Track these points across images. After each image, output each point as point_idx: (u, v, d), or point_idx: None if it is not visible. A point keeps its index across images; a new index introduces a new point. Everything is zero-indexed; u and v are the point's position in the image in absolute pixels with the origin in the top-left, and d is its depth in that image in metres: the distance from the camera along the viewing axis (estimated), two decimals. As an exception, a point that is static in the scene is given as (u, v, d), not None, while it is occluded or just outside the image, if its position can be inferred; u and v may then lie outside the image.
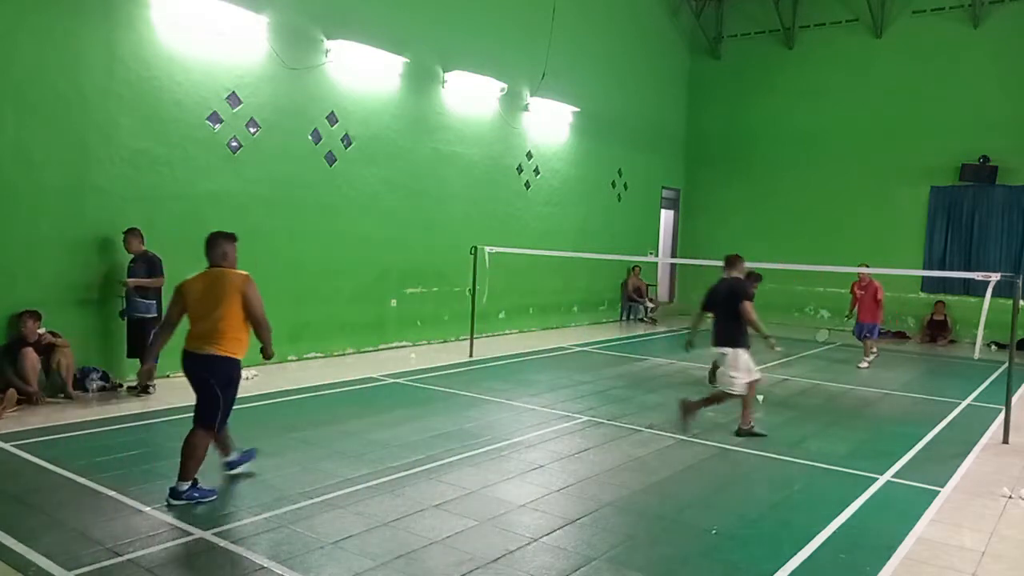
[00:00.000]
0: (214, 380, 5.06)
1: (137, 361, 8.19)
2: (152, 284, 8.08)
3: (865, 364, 11.89)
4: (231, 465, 5.54)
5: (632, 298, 17.11)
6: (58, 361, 7.58)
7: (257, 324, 5.20)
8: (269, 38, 9.67)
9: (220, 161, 9.30)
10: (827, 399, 9.25)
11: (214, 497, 5.04)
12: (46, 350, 7.55)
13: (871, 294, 11.96)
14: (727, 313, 7.20)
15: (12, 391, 7.17)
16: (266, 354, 5.40)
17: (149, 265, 8.09)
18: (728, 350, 7.13)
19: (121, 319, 8.24)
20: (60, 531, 4.42)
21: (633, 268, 17.05)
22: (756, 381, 7.33)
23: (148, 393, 8.03)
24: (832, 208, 16.81)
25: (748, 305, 7.16)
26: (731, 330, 7.18)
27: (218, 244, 5.23)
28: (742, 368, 7.10)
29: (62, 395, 7.61)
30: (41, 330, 7.55)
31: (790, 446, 6.91)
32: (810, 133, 17.18)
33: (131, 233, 8.09)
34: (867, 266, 12.02)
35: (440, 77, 12.22)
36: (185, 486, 4.95)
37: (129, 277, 8.03)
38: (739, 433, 7.21)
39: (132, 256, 8.12)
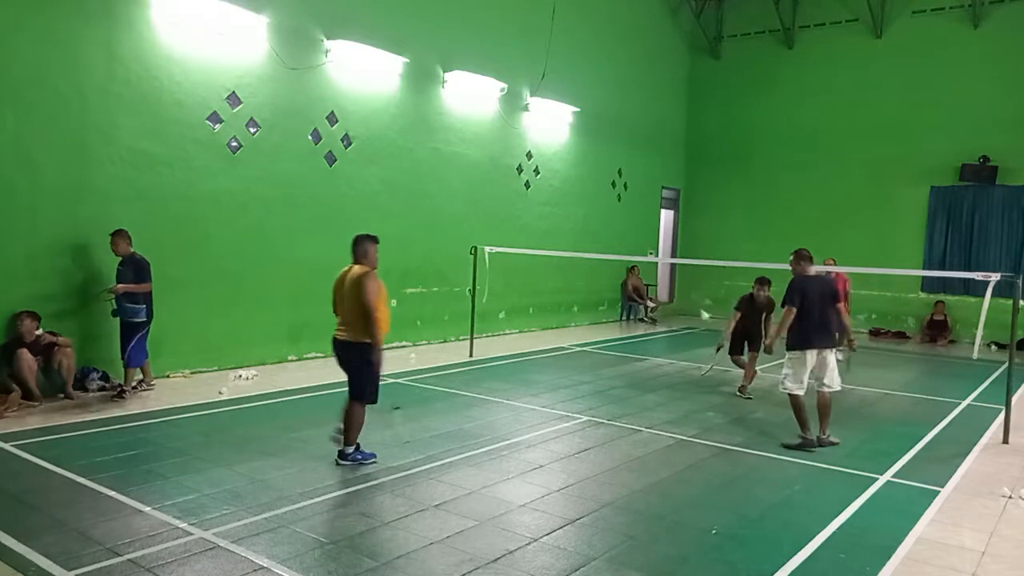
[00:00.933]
0: (354, 362, 5.84)
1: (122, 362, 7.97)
2: (140, 289, 7.88)
3: (840, 356, 12.09)
4: (344, 455, 5.85)
5: (632, 298, 17.11)
6: (59, 361, 7.56)
7: (364, 310, 5.73)
8: (269, 38, 9.67)
9: (220, 161, 9.30)
10: (827, 399, 9.23)
11: (374, 459, 5.89)
12: (46, 350, 7.53)
13: (838, 287, 12.11)
14: (827, 312, 6.89)
15: (16, 393, 7.16)
16: (374, 344, 5.77)
17: (137, 268, 7.85)
18: (834, 352, 7.00)
19: (114, 317, 8.05)
20: (60, 531, 4.42)
21: (632, 268, 17.04)
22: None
23: (123, 398, 7.73)
24: (832, 208, 16.81)
25: (844, 306, 7.02)
26: (832, 330, 6.98)
27: (360, 244, 6.04)
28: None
29: (62, 395, 7.59)
30: (39, 331, 7.52)
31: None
32: (810, 133, 17.18)
33: (118, 235, 7.87)
34: (834, 262, 12.12)
35: (440, 77, 12.22)
36: (350, 449, 5.84)
37: (117, 280, 7.87)
38: (820, 442, 6.85)
39: (120, 259, 7.91)
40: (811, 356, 6.80)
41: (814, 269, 7.17)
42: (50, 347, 7.55)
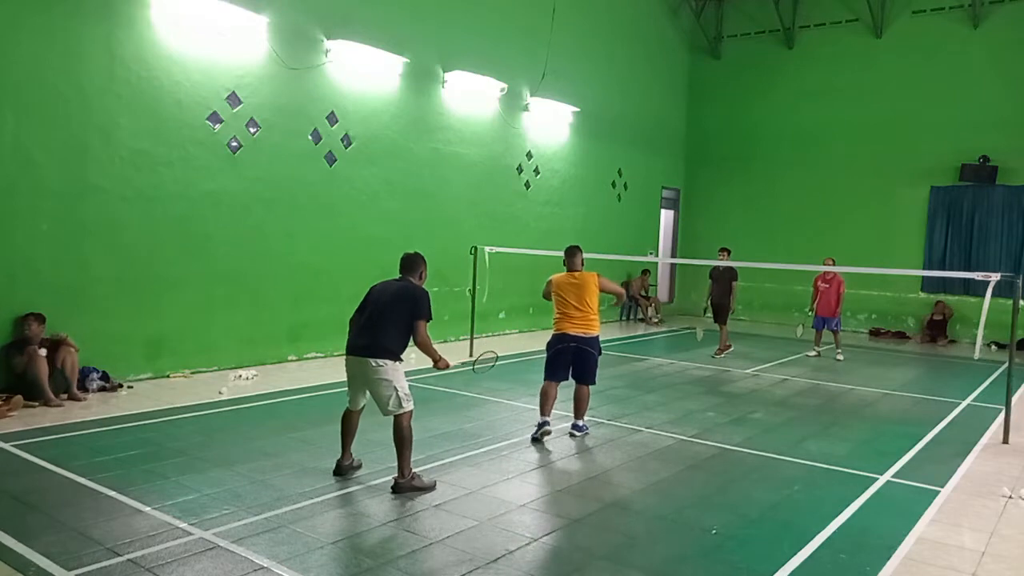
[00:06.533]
0: (595, 351, 6.92)
1: None
2: None
3: (841, 356, 12.38)
4: (578, 428, 7.04)
5: (641, 298, 17.09)
6: (62, 360, 7.55)
7: (613, 292, 7.35)
8: (269, 38, 9.67)
9: (220, 161, 9.30)
10: (827, 399, 9.25)
11: (588, 432, 7.05)
12: (50, 352, 7.50)
13: (835, 288, 12.46)
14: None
15: (19, 397, 7.15)
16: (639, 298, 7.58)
17: None
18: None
19: None
20: (60, 531, 4.42)
21: (644, 271, 17.16)
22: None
23: None
24: (832, 208, 16.82)
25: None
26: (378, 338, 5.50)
27: (576, 254, 7.17)
28: None
29: (65, 395, 7.57)
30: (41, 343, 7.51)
31: (790, 446, 6.91)
32: (810, 133, 17.18)
33: None
34: (833, 262, 12.20)
35: (440, 77, 12.22)
36: (581, 423, 7.02)
37: None
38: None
39: None
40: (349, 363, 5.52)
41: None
42: (56, 346, 7.55)
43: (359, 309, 5.61)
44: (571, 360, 6.91)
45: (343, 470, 5.66)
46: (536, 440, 6.74)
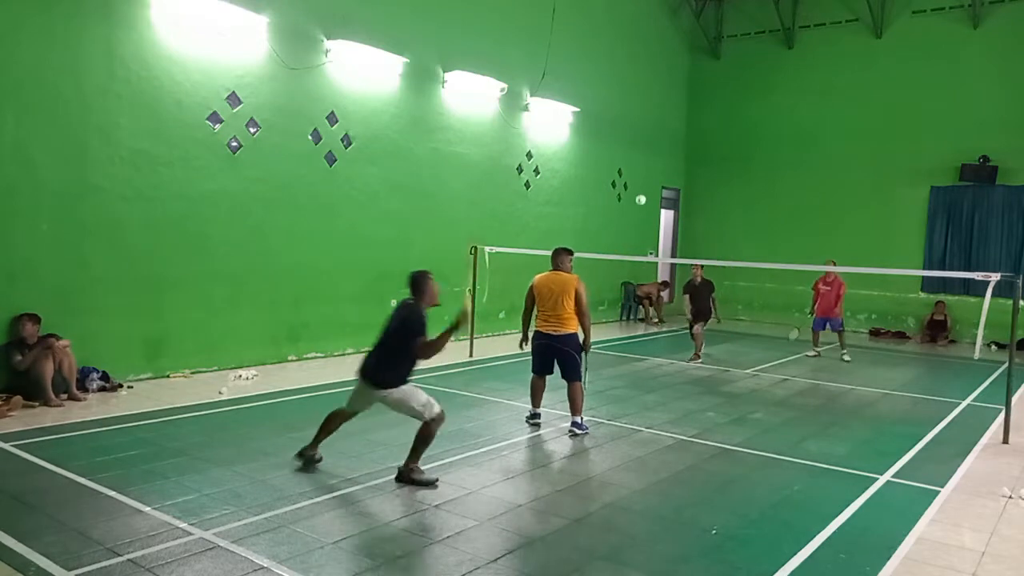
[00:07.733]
0: (570, 349, 7.10)
1: None
2: None
3: (848, 357, 12.35)
4: (578, 425, 7.09)
5: (642, 300, 17.07)
6: (60, 361, 7.55)
7: (582, 314, 7.18)
8: (269, 38, 9.67)
9: (220, 161, 9.30)
10: (827, 399, 9.25)
11: (588, 431, 7.09)
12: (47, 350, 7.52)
13: (835, 290, 12.45)
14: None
15: (19, 397, 7.16)
16: (586, 346, 7.23)
17: None
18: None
19: None
20: (60, 531, 4.42)
21: (664, 282, 17.22)
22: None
23: None
24: (832, 208, 16.82)
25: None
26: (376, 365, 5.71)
27: (562, 254, 7.37)
28: None
29: (64, 395, 7.56)
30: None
31: (790, 446, 6.91)
32: (810, 133, 17.18)
33: None
34: (834, 263, 12.18)
35: (440, 77, 12.22)
36: (580, 421, 7.11)
37: None
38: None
39: None
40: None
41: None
42: (52, 347, 7.54)
43: None
44: (554, 358, 7.22)
45: (304, 456, 5.82)
46: (529, 422, 7.39)
